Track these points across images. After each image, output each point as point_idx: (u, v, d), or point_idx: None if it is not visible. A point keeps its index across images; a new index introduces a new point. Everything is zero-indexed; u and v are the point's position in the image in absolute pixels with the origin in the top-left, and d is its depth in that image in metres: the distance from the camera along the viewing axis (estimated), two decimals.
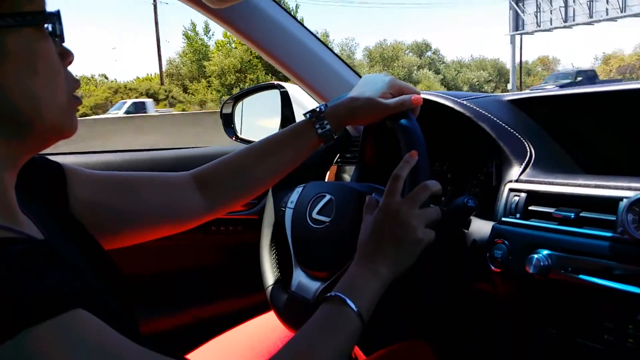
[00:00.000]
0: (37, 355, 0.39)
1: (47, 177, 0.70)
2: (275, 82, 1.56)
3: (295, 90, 1.51)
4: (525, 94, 1.06)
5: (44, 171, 0.70)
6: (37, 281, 0.41)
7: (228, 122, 1.66)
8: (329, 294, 0.71)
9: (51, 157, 0.73)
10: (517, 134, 0.95)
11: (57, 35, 0.55)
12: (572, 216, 0.79)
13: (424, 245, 0.78)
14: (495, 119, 0.97)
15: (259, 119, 1.69)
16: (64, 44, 0.57)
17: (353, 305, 0.68)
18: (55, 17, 0.54)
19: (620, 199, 0.73)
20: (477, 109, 0.99)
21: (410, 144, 0.83)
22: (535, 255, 0.79)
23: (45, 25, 0.53)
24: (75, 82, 0.58)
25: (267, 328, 1.14)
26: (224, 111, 1.67)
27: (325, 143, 0.90)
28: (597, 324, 0.76)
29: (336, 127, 0.89)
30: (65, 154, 1.31)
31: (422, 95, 0.90)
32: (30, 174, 0.66)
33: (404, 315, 1.19)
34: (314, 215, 0.99)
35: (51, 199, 0.68)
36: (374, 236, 0.77)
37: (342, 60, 1.37)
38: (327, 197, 0.98)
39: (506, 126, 0.96)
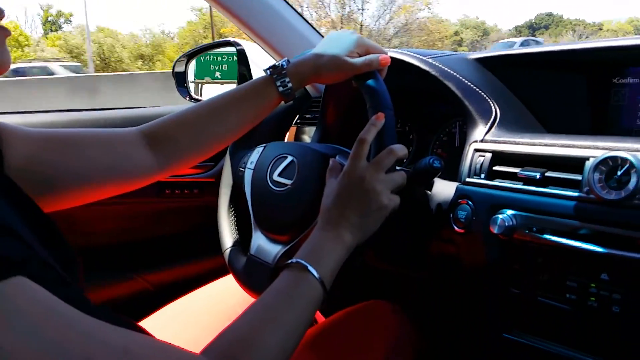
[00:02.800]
0: None
1: None
2: (232, 40, 1.49)
3: (252, 49, 1.45)
4: (491, 52, 1.04)
5: None
6: None
7: (181, 80, 1.58)
8: (290, 261, 0.68)
9: None
10: (482, 93, 0.93)
11: None
12: (538, 176, 0.78)
13: (389, 212, 0.76)
14: (461, 77, 0.95)
15: (214, 78, 1.62)
16: None
17: (315, 273, 0.65)
18: None
19: (587, 158, 0.73)
20: (443, 67, 0.96)
21: (377, 106, 0.80)
22: (500, 216, 0.78)
23: None
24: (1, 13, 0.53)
25: (225, 291, 1.12)
26: (177, 69, 1.59)
27: (285, 101, 0.86)
28: (561, 283, 0.76)
29: (298, 85, 0.85)
30: (6, 113, 1.21)
31: (388, 54, 0.86)
32: None
33: (366, 277, 1.18)
34: (275, 177, 0.95)
35: None
36: (338, 201, 0.74)
37: (304, 19, 1.31)
38: (289, 158, 0.95)
39: (472, 85, 0.94)
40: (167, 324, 1.03)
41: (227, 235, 1.05)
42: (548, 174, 0.78)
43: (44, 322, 0.40)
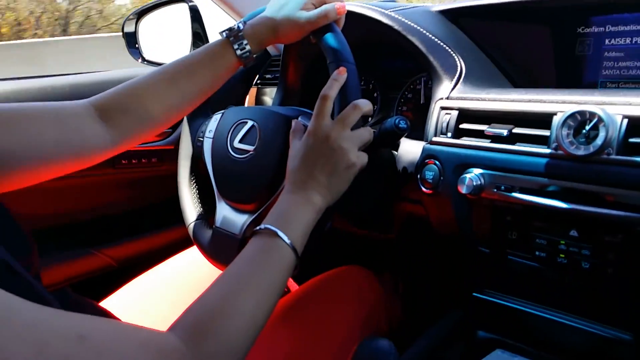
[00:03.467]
0: None
1: None
2: None
3: (206, 5, 1.37)
4: (453, 4, 1.00)
5: None
6: None
7: (132, 41, 1.49)
8: (259, 227, 0.65)
9: None
10: (447, 48, 0.90)
11: None
12: (505, 133, 0.76)
13: (357, 170, 0.73)
14: (424, 31, 0.91)
15: (167, 37, 1.53)
16: None
17: (285, 237, 0.63)
18: None
19: (554, 113, 0.71)
20: (406, 21, 0.92)
21: (338, 61, 0.76)
22: (468, 175, 0.77)
23: None
24: None
25: (192, 263, 1.09)
26: (127, 29, 1.49)
27: (245, 65, 0.81)
28: (530, 241, 0.76)
29: (257, 48, 0.80)
30: None
31: (347, 7, 0.82)
32: None
33: (336, 242, 1.17)
34: (236, 144, 0.91)
35: None
36: (304, 162, 0.72)
37: None
38: (250, 123, 0.91)
39: (436, 39, 0.90)
40: (133, 300, 1.00)
41: (190, 209, 1.01)
42: (515, 130, 0.76)
43: None
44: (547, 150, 0.71)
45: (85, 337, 0.41)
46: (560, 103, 0.72)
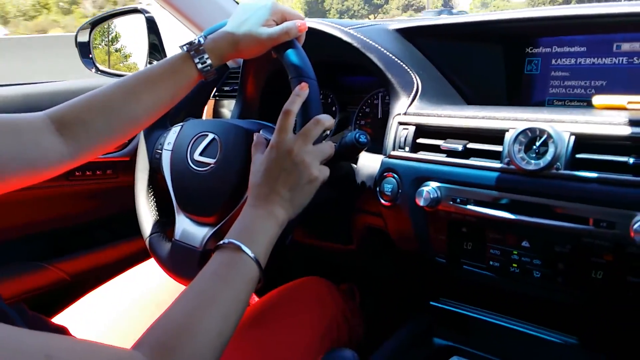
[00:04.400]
0: None
1: None
2: (139, 7, 1.39)
3: (163, 17, 1.36)
4: (411, 22, 1.03)
5: None
6: None
7: (85, 51, 1.46)
8: (222, 241, 0.65)
9: None
10: (404, 65, 0.93)
11: None
12: (460, 148, 0.79)
13: (319, 184, 0.75)
14: (382, 49, 0.94)
15: (122, 47, 1.51)
16: None
17: (249, 252, 0.64)
18: None
19: (506, 130, 0.75)
20: (365, 38, 0.95)
21: (300, 76, 0.78)
22: (425, 188, 0.80)
23: None
24: None
25: (149, 276, 1.07)
26: (80, 39, 1.46)
27: (205, 79, 0.81)
28: (484, 251, 0.79)
29: (217, 62, 0.80)
30: None
31: (307, 24, 0.83)
32: None
33: (297, 254, 1.18)
34: (197, 157, 0.91)
35: None
36: (267, 176, 0.72)
37: None
38: (211, 136, 0.91)
39: (394, 57, 0.93)
40: (88, 315, 0.97)
41: (148, 222, 0.99)
42: (470, 145, 0.79)
43: None
44: (500, 165, 0.75)
45: (53, 357, 0.41)
46: (512, 120, 0.76)
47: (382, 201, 0.86)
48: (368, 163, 0.91)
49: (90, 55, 1.45)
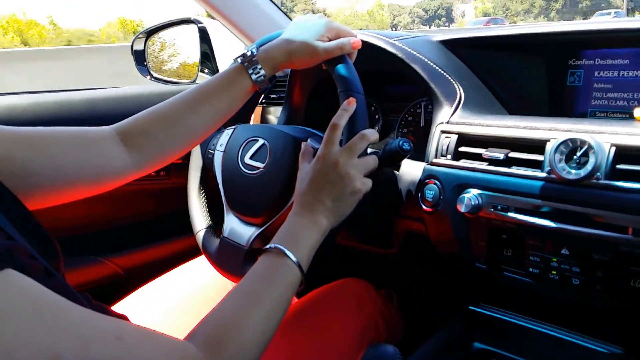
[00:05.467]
0: None
1: None
2: (192, 18, 1.46)
3: (214, 27, 1.43)
4: (454, 33, 1.06)
5: None
6: None
7: (140, 59, 1.54)
8: (268, 246, 0.70)
9: None
10: (447, 76, 0.96)
11: None
12: (502, 157, 0.82)
13: (361, 195, 0.79)
14: (426, 60, 0.97)
15: (175, 56, 1.58)
16: None
17: (292, 257, 0.68)
18: None
19: (548, 140, 0.77)
20: (409, 49, 0.98)
21: (348, 91, 0.82)
22: (466, 195, 0.82)
23: None
24: None
25: (197, 273, 1.12)
26: (136, 47, 1.55)
27: (259, 88, 0.86)
28: (524, 258, 0.81)
29: (270, 72, 0.84)
30: None
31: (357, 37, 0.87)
32: None
33: (338, 256, 1.21)
34: (247, 160, 0.96)
35: None
36: (312, 186, 0.76)
37: (271, 0, 1.30)
38: (261, 141, 0.96)
39: (437, 67, 0.96)
40: (140, 307, 1.03)
41: (199, 218, 1.05)
42: (511, 154, 0.81)
43: (37, 313, 0.40)
44: (541, 174, 0.76)
45: (122, 338, 0.46)
46: (553, 130, 0.78)
47: (424, 207, 0.89)
48: (410, 170, 0.94)
49: (145, 63, 1.53)
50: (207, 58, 1.44)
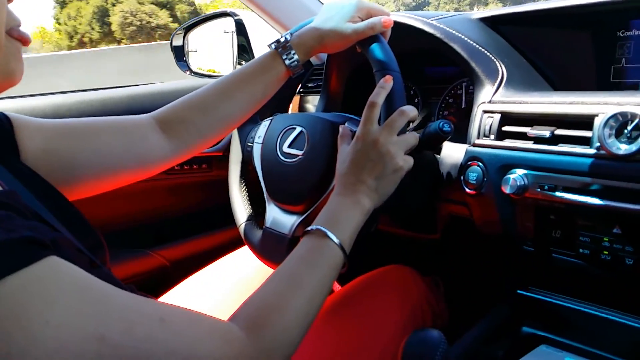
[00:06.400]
0: (16, 306, 0.37)
1: None
2: (229, 10, 1.47)
3: (250, 18, 1.43)
4: (493, 11, 1.03)
5: None
6: (6, 231, 0.39)
7: (180, 54, 1.57)
8: (309, 228, 0.69)
9: None
10: (488, 54, 0.93)
11: None
12: (548, 135, 0.78)
13: (403, 173, 0.77)
14: (466, 38, 0.94)
15: (213, 49, 1.60)
16: None
17: (335, 238, 0.67)
18: None
19: (596, 115, 0.73)
20: (447, 29, 0.96)
21: (384, 70, 0.80)
22: (511, 176, 0.79)
23: None
24: (15, 21, 0.53)
25: (241, 263, 1.14)
26: (175, 43, 1.57)
27: (293, 74, 0.86)
28: (574, 238, 0.78)
29: (304, 57, 0.85)
30: (10, 98, 1.21)
31: (391, 17, 0.86)
32: None
33: (381, 242, 1.20)
34: (285, 148, 0.96)
35: (1, 151, 0.63)
36: (353, 166, 0.75)
37: None
38: (298, 129, 0.95)
39: (477, 46, 0.94)
40: (186, 298, 1.05)
41: (241, 210, 1.06)
42: (558, 132, 0.78)
43: (82, 297, 0.41)
44: (590, 151, 0.73)
45: (165, 320, 0.46)
46: (601, 105, 0.74)
47: (467, 190, 0.87)
48: (452, 152, 0.92)
49: (185, 58, 1.56)
50: (244, 50, 1.45)
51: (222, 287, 1.07)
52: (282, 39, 0.84)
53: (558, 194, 0.76)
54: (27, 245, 0.40)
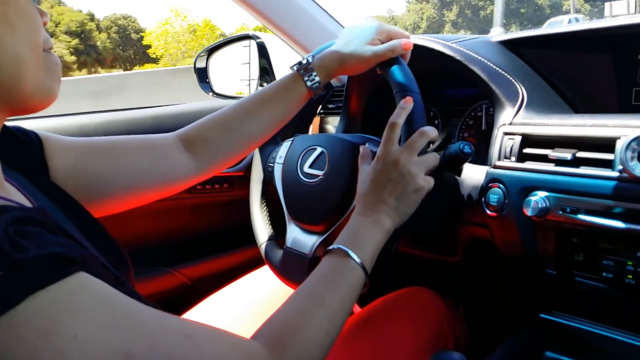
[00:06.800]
0: (45, 321, 0.38)
1: (24, 146, 0.66)
2: (251, 33, 1.50)
3: (271, 41, 1.46)
4: (513, 34, 1.04)
5: (20, 140, 0.66)
6: (37, 247, 0.40)
7: (203, 76, 1.60)
8: (331, 247, 0.70)
9: (25, 122, 0.69)
10: (508, 76, 0.94)
11: None
12: (569, 157, 0.78)
13: (424, 193, 0.77)
14: (485, 61, 0.95)
15: (235, 71, 1.63)
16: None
17: (356, 258, 0.67)
18: None
19: (618, 137, 0.73)
20: (467, 51, 0.97)
21: (404, 91, 0.81)
22: (533, 198, 0.79)
23: None
24: (47, 40, 0.55)
25: (262, 282, 1.14)
26: (198, 65, 1.61)
27: (314, 95, 0.88)
28: (597, 262, 0.77)
29: (325, 79, 0.87)
30: (38, 117, 1.24)
31: (411, 40, 0.87)
32: (7, 143, 0.63)
33: (400, 264, 1.20)
34: (306, 169, 0.97)
35: (31, 168, 0.65)
36: (374, 186, 0.76)
37: (323, 9, 1.32)
38: (319, 150, 0.96)
39: (497, 68, 0.94)
40: (208, 316, 1.06)
41: (262, 230, 1.07)
42: (579, 154, 0.78)
43: (109, 313, 0.42)
44: (612, 173, 0.73)
45: (190, 336, 0.47)
46: (623, 127, 0.74)
47: (488, 212, 0.87)
48: (472, 174, 0.92)
49: (207, 80, 1.59)
50: (266, 72, 1.47)
51: (243, 306, 1.08)
52: (304, 61, 0.86)
53: (580, 216, 0.75)
54: (57, 261, 0.41)
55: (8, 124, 0.62)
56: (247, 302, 1.08)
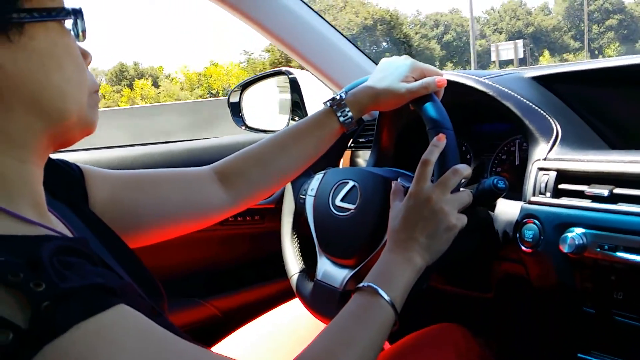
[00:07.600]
0: (87, 351, 0.39)
1: (66, 177, 0.69)
2: (284, 69, 1.54)
3: (304, 77, 1.49)
4: (547, 69, 1.04)
5: (63, 172, 0.69)
6: (79, 277, 0.41)
7: (236, 110, 1.63)
8: (361, 284, 0.69)
9: (68, 155, 0.72)
10: (542, 112, 0.93)
11: (79, 33, 0.54)
12: (606, 193, 0.77)
13: (457, 232, 0.77)
14: (519, 96, 0.95)
15: (267, 106, 1.66)
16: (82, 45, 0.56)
17: (386, 296, 0.67)
18: (79, 14, 0.53)
19: None
20: (500, 87, 0.97)
21: (437, 128, 0.82)
22: (569, 234, 0.78)
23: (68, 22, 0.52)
24: (94, 84, 0.58)
25: (293, 315, 1.14)
26: (232, 100, 1.64)
27: (347, 131, 0.89)
28: (637, 300, 0.75)
29: (358, 114, 0.88)
30: (78, 150, 1.29)
31: (444, 77, 0.88)
32: (50, 174, 0.65)
33: (432, 300, 1.18)
34: (338, 202, 0.97)
35: (73, 199, 0.67)
36: (406, 223, 0.76)
37: (355, 45, 1.34)
38: (351, 183, 0.97)
39: (531, 104, 0.94)
40: (238, 349, 1.06)
41: (293, 262, 1.07)
42: (616, 190, 0.77)
43: (148, 345, 0.43)
44: None
45: None
46: None
47: (523, 248, 0.85)
48: (506, 209, 0.91)
49: (240, 114, 1.62)
50: (298, 107, 1.49)
51: (273, 339, 1.07)
52: (338, 97, 0.87)
53: (619, 254, 0.74)
54: (99, 292, 0.42)
55: (53, 156, 0.64)
56: (277, 335, 1.08)
